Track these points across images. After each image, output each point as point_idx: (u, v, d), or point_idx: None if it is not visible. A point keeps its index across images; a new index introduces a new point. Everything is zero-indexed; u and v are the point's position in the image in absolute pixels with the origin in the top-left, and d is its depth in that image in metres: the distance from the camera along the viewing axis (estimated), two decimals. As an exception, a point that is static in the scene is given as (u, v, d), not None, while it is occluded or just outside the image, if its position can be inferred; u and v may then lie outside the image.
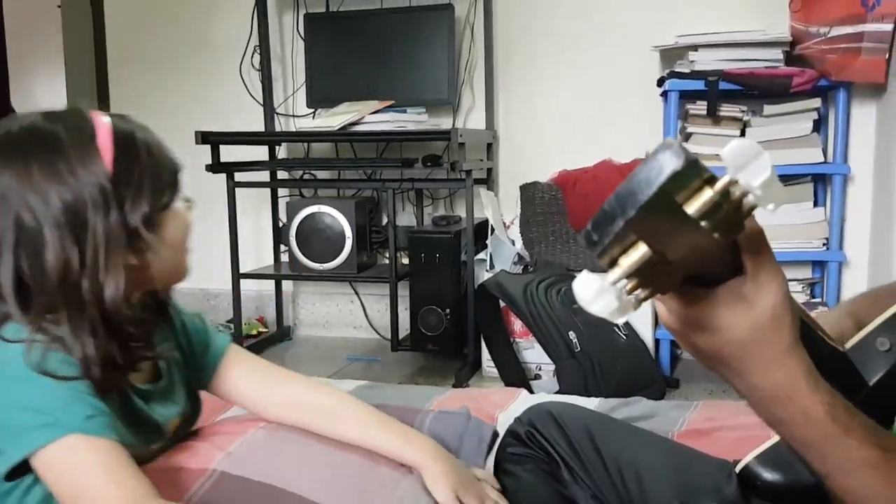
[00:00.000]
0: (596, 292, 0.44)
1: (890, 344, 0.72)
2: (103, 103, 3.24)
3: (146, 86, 3.12)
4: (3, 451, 0.75)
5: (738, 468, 0.77)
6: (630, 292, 0.45)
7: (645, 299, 0.46)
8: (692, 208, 0.42)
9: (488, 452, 1.10)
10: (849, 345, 0.74)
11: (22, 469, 0.76)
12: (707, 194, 0.42)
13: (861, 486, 0.55)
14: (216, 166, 2.61)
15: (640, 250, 0.43)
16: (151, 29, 3.12)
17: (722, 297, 0.52)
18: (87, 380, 0.78)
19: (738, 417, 1.45)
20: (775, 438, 0.78)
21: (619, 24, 2.64)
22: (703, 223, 0.42)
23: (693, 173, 0.41)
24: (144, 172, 0.83)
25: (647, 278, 0.44)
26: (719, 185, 0.42)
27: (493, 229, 2.57)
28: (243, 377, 1.02)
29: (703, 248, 0.45)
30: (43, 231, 0.78)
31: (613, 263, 0.44)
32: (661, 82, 2.41)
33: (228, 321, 2.86)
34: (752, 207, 0.44)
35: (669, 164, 0.40)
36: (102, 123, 0.83)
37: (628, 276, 0.44)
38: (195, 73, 3.08)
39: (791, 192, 2.37)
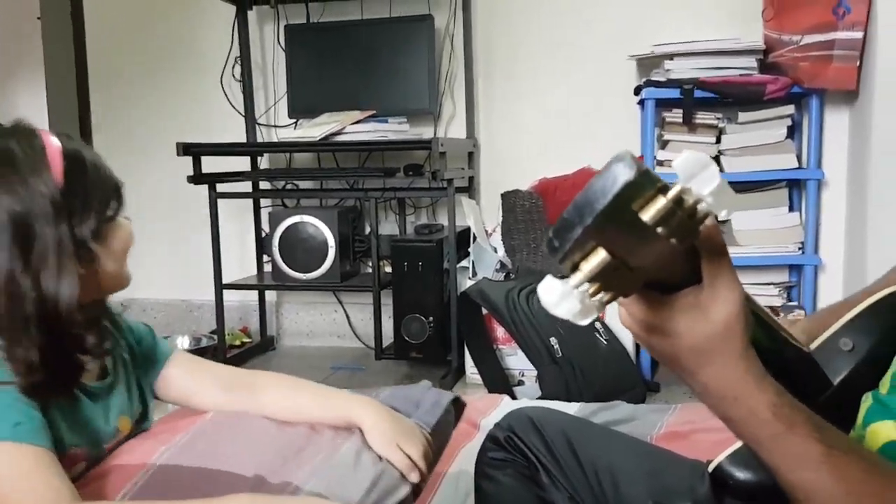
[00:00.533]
0: (559, 296, 0.46)
1: (853, 344, 0.75)
2: (85, 115, 3.24)
3: (127, 98, 3.12)
4: None
5: (710, 468, 0.79)
6: (593, 296, 0.47)
7: (608, 302, 0.48)
8: (647, 215, 0.44)
9: (446, 415, 1.14)
10: (813, 346, 0.77)
11: None
12: (660, 202, 0.44)
13: (807, 480, 0.58)
14: (198, 177, 2.62)
15: (600, 256, 0.45)
16: (132, 41, 3.13)
17: (680, 304, 0.55)
18: (29, 385, 0.80)
19: (715, 420, 1.48)
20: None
21: (597, 33, 2.68)
22: (659, 229, 0.45)
23: (645, 183, 0.43)
24: (91, 187, 0.87)
25: (609, 282, 0.47)
26: (671, 193, 0.44)
27: (475, 237, 2.59)
28: (186, 378, 1.06)
29: (663, 254, 0.48)
30: None
31: (575, 268, 0.46)
32: (637, 91, 2.45)
33: (212, 332, 2.86)
34: (706, 214, 0.47)
35: (622, 174, 0.43)
36: (51, 140, 0.86)
37: (590, 280, 0.46)
38: (176, 85, 3.08)
39: (766, 198, 2.41)
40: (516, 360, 2.42)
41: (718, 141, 2.38)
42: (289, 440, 0.98)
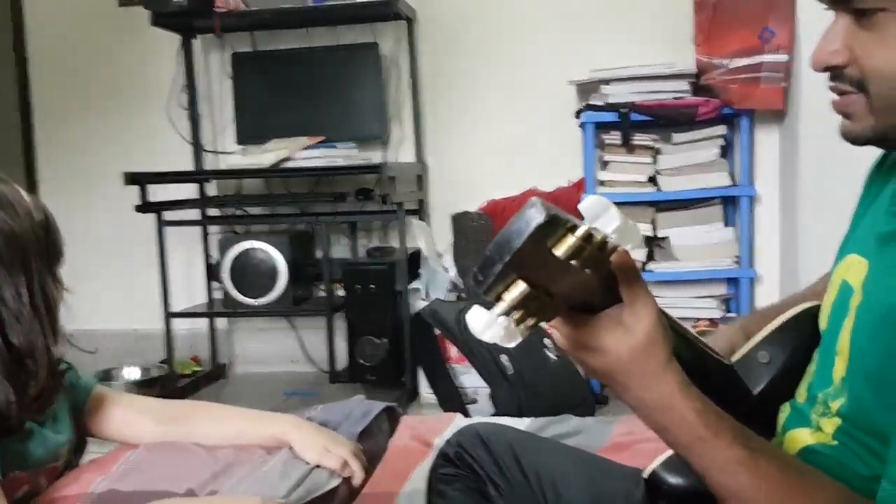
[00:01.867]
0: (485, 324, 0.52)
1: (770, 357, 0.81)
2: (29, 150, 3.19)
3: (72, 130, 3.09)
4: None
5: (645, 474, 0.85)
6: (519, 322, 0.52)
7: (533, 327, 0.53)
8: (560, 251, 0.51)
9: (377, 423, 1.19)
10: (734, 358, 0.83)
11: None
12: (570, 240, 0.51)
13: (731, 482, 0.63)
14: (145, 206, 2.61)
15: (520, 287, 0.51)
16: (76, 72, 3.10)
17: (604, 322, 0.61)
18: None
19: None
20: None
21: (538, 59, 2.77)
22: (572, 262, 0.50)
23: (555, 224, 0.49)
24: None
25: (531, 309, 0.52)
26: (579, 232, 0.50)
27: (426, 259, 2.64)
28: (118, 414, 1.08)
29: (581, 282, 0.53)
30: None
31: (499, 299, 0.51)
32: (578, 114, 2.54)
33: (162, 362, 2.83)
34: (615, 248, 0.53)
35: (535, 218, 0.49)
36: None
37: (513, 308, 0.51)
38: (122, 115, 3.06)
39: (702, 215, 2.52)
40: (470, 379, 2.46)
41: (655, 161, 2.48)
42: (218, 458, 1.03)
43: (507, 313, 0.52)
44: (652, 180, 2.50)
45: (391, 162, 2.82)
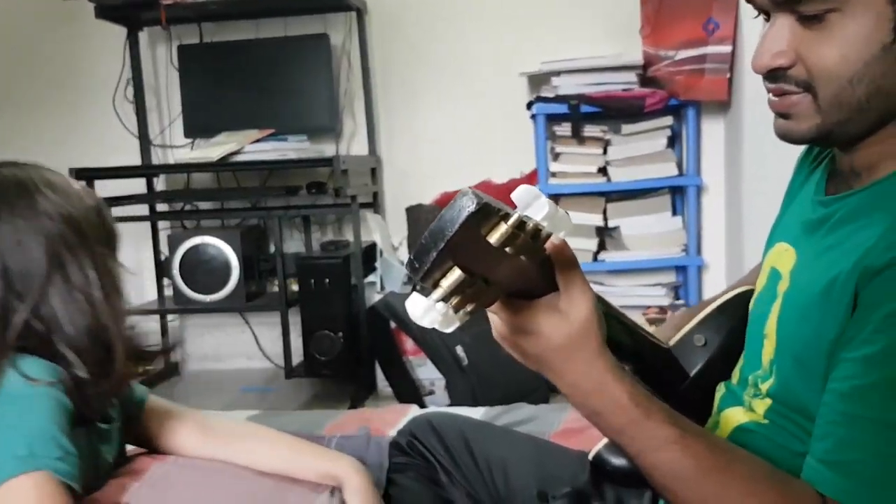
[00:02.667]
0: (423, 310, 0.53)
1: (705, 340, 0.84)
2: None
3: (16, 125, 3.00)
4: None
5: (590, 456, 0.87)
6: (457, 309, 0.53)
7: (472, 313, 0.55)
8: (493, 238, 0.52)
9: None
10: (672, 342, 0.86)
11: None
12: (503, 227, 0.52)
13: (664, 461, 0.66)
14: (92, 202, 2.55)
15: (455, 274, 0.52)
16: (20, 66, 3.01)
17: (541, 307, 0.62)
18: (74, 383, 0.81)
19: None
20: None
21: (489, 51, 2.79)
22: (507, 249, 0.52)
23: (487, 212, 0.50)
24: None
25: (468, 296, 0.54)
26: (511, 220, 0.52)
27: (381, 252, 2.64)
28: (163, 424, 1.03)
29: (520, 268, 0.55)
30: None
31: (436, 285, 0.52)
32: (529, 106, 2.57)
33: (113, 361, 2.78)
34: (548, 235, 0.54)
35: (466, 207, 0.50)
36: None
37: (451, 294, 0.52)
38: (67, 110, 2.98)
39: (651, 204, 2.57)
40: (426, 371, 2.47)
41: (605, 152, 2.52)
42: (259, 488, 0.96)
43: (444, 299, 0.53)
44: (602, 171, 2.54)
45: (344, 155, 2.81)
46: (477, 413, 1.70)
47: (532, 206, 0.54)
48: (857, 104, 0.66)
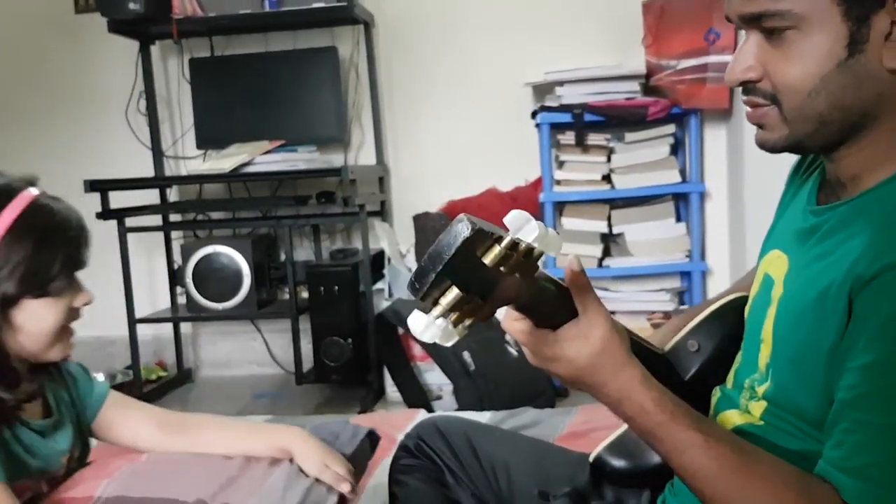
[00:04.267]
0: (424, 326, 0.58)
1: (698, 345, 0.88)
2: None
3: (30, 137, 3.06)
4: None
5: (591, 458, 0.91)
6: (456, 324, 0.58)
7: (470, 327, 0.60)
8: (488, 259, 0.57)
9: (361, 446, 1.22)
10: (667, 347, 0.90)
11: None
12: (496, 249, 0.57)
13: (690, 462, 0.70)
14: (106, 213, 2.61)
15: (453, 293, 0.57)
16: (34, 80, 3.08)
17: (565, 335, 0.69)
18: None
19: (610, 419, 1.62)
20: (620, 430, 0.93)
21: (494, 61, 2.83)
22: (501, 268, 0.56)
23: (481, 236, 0.55)
24: (24, 260, 0.90)
25: (466, 311, 0.59)
26: (504, 242, 0.56)
27: (389, 259, 2.68)
28: (124, 419, 1.10)
29: (514, 284, 0.59)
30: None
31: (435, 303, 0.57)
32: (534, 115, 2.61)
33: (127, 367, 2.83)
34: (540, 254, 0.59)
35: (462, 232, 0.55)
36: (16, 202, 0.91)
37: (449, 310, 0.57)
38: (81, 122, 3.05)
39: (654, 211, 2.61)
40: (433, 376, 2.51)
41: (609, 160, 2.56)
42: (225, 468, 1.05)
43: (444, 315, 0.58)
44: (606, 178, 2.58)
45: (352, 165, 2.86)
46: (483, 418, 1.75)
47: (523, 229, 0.59)
48: (819, 116, 0.71)
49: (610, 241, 2.65)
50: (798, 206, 0.84)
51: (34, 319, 0.93)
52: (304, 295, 2.72)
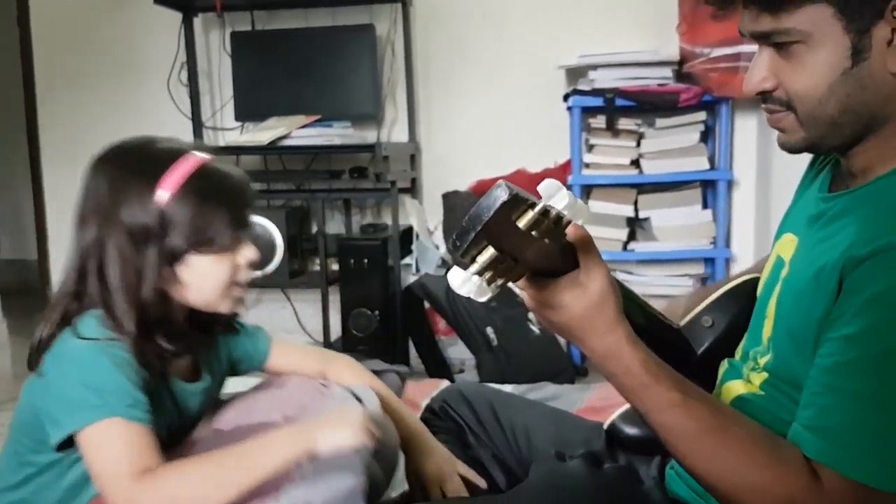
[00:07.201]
0: (461, 281, 0.64)
1: (712, 321, 0.94)
2: (32, 121, 3.27)
3: (74, 104, 3.17)
4: (58, 423, 0.88)
5: (605, 426, 0.97)
6: (490, 282, 0.64)
7: (502, 286, 0.66)
8: (522, 223, 0.63)
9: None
10: (682, 322, 0.95)
11: (69, 443, 0.89)
12: (530, 214, 0.63)
13: (669, 421, 0.76)
14: (148, 180, 2.69)
15: (489, 252, 0.63)
16: (79, 47, 3.17)
17: (563, 283, 0.73)
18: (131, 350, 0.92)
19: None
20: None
21: (529, 43, 2.86)
22: (533, 233, 0.62)
23: (518, 201, 0.61)
24: (194, 217, 0.95)
25: (499, 271, 0.65)
26: (537, 208, 0.62)
27: (417, 235, 2.75)
28: (285, 368, 1.21)
29: (544, 249, 0.65)
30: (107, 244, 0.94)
31: (473, 261, 0.63)
32: (566, 98, 2.64)
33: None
34: (568, 222, 0.65)
35: (500, 196, 0.61)
36: (185, 162, 0.96)
37: (484, 269, 0.63)
38: (123, 90, 3.14)
39: (682, 197, 2.63)
40: (457, 350, 2.58)
41: (639, 145, 2.59)
42: (306, 398, 1.10)
43: (479, 273, 0.64)
44: (635, 163, 2.61)
45: (385, 141, 2.92)
46: (505, 389, 1.81)
47: (555, 196, 0.65)
48: (831, 120, 0.77)
49: (636, 226, 2.69)
50: (812, 193, 0.89)
51: (200, 275, 0.96)
52: (335, 267, 2.80)
